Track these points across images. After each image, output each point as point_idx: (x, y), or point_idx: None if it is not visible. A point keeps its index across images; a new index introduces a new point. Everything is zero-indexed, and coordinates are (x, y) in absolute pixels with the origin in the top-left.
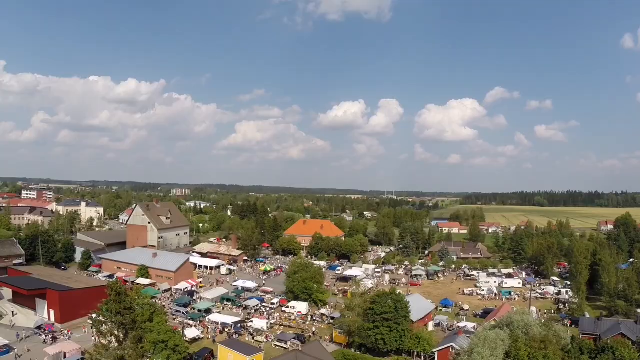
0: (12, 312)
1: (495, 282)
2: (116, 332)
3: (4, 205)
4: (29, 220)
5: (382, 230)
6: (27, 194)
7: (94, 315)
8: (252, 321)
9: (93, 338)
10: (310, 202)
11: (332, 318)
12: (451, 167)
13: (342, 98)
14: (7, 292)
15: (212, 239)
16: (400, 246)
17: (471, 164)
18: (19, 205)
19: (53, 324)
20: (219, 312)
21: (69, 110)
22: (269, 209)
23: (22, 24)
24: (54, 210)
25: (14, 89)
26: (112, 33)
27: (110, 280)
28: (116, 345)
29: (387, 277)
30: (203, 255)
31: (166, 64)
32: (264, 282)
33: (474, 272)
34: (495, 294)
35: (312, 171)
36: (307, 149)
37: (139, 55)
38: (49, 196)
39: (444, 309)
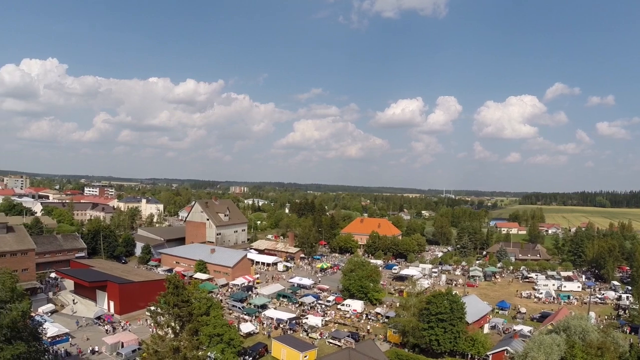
0: (73, 300)
1: (553, 285)
2: (173, 324)
3: (67, 201)
4: (91, 215)
5: (439, 230)
6: (89, 191)
7: (152, 308)
8: (307, 318)
9: (150, 330)
10: (368, 201)
11: (387, 317)
12: (510, 165)
13: (400, 96)
14: (69, 284)
15: (269, 236)
16: (458, 246)
17: (531, 163)
18: (81, 201)
19: (112, 315)
20: (274, 308)
21: (129, 111)
22: (326, 207)
23: (82, 29)
24: (115, 207)
25: (76, 91)
26: (171, 35)
27: (169, 274)
28: (172, 336)
29: (443, 277)
30: (260, 251)
31: (224, 65)
32: (319, 279)
33: (532, 274)
34: (554, 298)
35: (370, 169)
36: (365, 147)
37: (198, 56)
38: (110, 193)
39: (500, 312)
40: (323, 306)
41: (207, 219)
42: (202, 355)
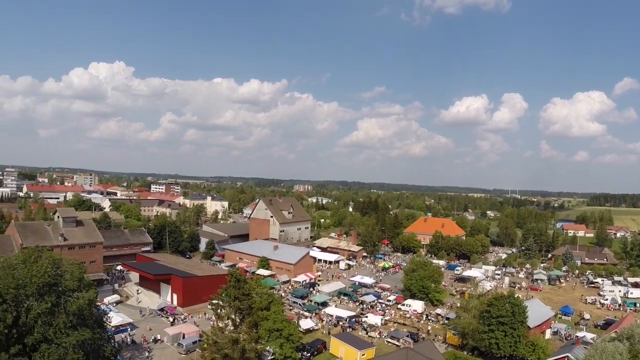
0: (137, 290)
1: (620, 291)
2: (233, 316)
3: (134, 198)
4: (157, 212)
5: (504, 231)
6: (156, 188)
7: (214, 300)
8: (366, 316)
9: (211, 322)
10: (432, 200)
11: (448, 318)
12: (578, 165)
13: (464, 93)
14: (135, 276)
15: (332, 234)
16: (522, 248)
17: (599, 162)
18: (148, 198)
19: (175, 307)
20: (335, 306)
21: (195, 111)
22: (390, 206)
23: (148, 33)
24: (180, 203)
25: (143, 93)
26: (235, 36)
27: (232, 269)
28: (232, 328)
29: (506, 279)
30: (323, 249)
31: (287, 64)
32: (380, 278)
33: (598, 280)
34: (619, 304)
35: (434, 168)
36: (429, 146)
37: (261, 56)
38: (176, 190)
39: (563, 317)
40: (383, 305)
41: (271, 216)
42: (261, 349)
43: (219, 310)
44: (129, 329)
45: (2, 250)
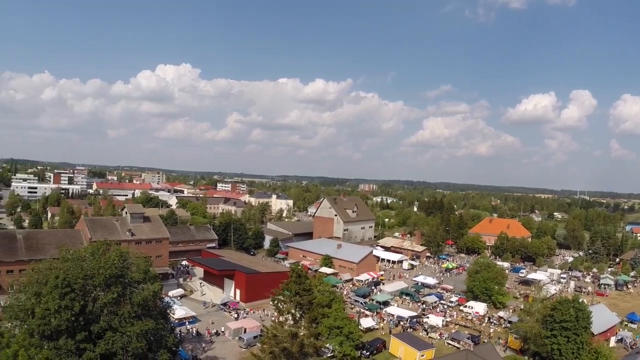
0: (200, 282)
1: None
2: (293, 311)
3: (201, 196)
4: (223, 209)
5: (571, 233)
6: (222, 187)
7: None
8: (428, 317)
9: (272, 318)
10: (498, 201)
11: (510, 322)
12: None
13: (531, 90)
14: (199, 271)
15: (396, 234)
16: (590, 251)
17: None
18: (214, 196)
19: (237, 302)
20: (396, 306)
21: (260, 111)
22: (455, 206)
23: (212, 35)
24: (246, 202)
25: (209, 94)
26: (299, 37)
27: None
28: (292, 323)
29: (572, 283)
30: (386, 249)
31: (352, 64)
32: (443, 279)
33: None
34: None
35: (500, 168)
36: (496, 145)
37: (326, 56)
38: (242, 188)
39: (629, 324)
40: (445, 306)
41: (335, 215)
42: (319, 345)
43: (279, 305)
44: (192, 322)
45: (72, 243)
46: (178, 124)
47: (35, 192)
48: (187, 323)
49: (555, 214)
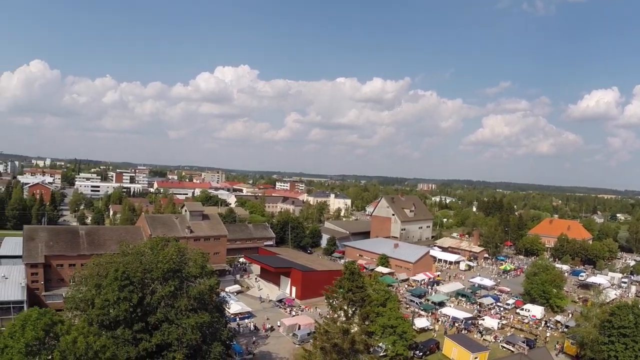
0: (255, 278)
1: None
2: (345, 308)
3: (259, 194)
4: (281, 208)
5: (634, 236)
6: (280, 186)
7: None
8: (483, 319)
9: (326, 315)
10: (559, 201)
11: (567, 326)
12: None
13: (593, 86)
14: (256, 268)
15: (454, 234)
16: None
17: None
18: (273, 195)
19: (293, 299)
20: (452, 306)
21: (319, 110)
22: (515, 206)
23: (269, 36)
24: (304, 201)
25: (268, 94)
26: (356, 36)
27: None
28: (344, 319)
29: (633, 288)
30: (444, 249)
31: (410, 62)
32: (499, 281)
33: None
34: None
35: (562, 167)
36: (557, 143)
37: (383, 55)
38: (300, 188)
39: None
40: (501, 309)
41: (393, 214)
42: (371, 342)
43: (332, 302)
44: (248, 317)
45: (132, 239)
46: (237, 124)
47: (98, 191)
48: (242, 318)
49: (618, 215)
